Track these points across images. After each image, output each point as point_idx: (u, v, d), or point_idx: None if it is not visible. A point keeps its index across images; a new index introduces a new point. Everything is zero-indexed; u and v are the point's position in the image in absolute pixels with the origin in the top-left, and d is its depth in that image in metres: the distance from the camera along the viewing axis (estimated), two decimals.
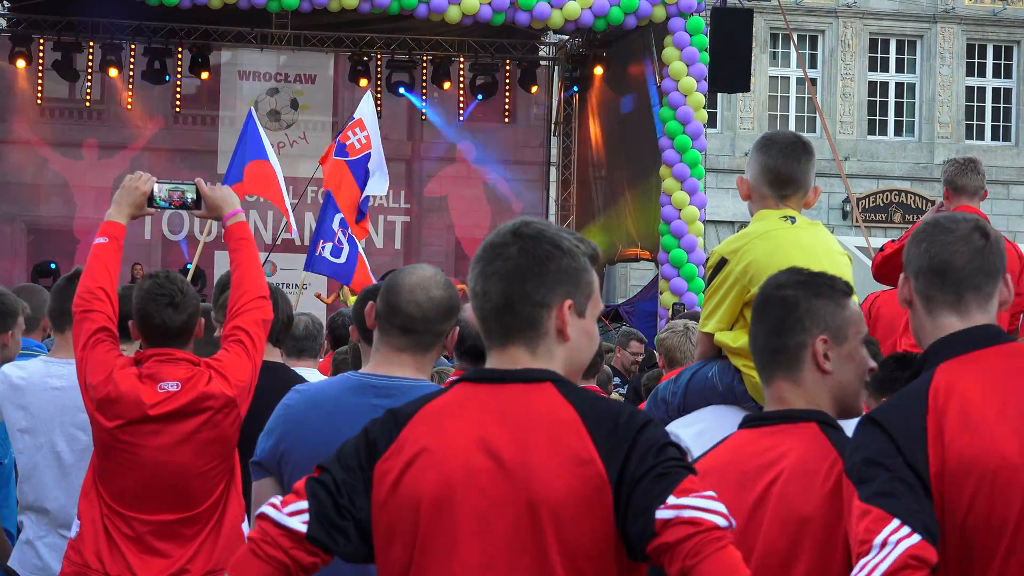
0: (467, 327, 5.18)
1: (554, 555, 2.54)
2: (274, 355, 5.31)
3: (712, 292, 4.60)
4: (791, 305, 3.10)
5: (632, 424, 2.57)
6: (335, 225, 14.11)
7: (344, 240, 14.09)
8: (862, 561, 2.66)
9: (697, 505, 2.45)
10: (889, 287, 7.28)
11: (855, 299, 3.18)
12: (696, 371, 4.75)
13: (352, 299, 20.40)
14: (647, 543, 2.47)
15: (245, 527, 4.54)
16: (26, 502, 5.02)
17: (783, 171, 4.56)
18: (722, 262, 4.56)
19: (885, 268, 7.02)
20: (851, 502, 2.78)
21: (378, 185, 15.05)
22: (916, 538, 2.65)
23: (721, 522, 2.45)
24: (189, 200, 4.69)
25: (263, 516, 2.66)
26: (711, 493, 2.49)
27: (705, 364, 4.72)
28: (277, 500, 2.68)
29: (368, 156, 14.67)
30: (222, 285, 5.40)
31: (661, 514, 2.45)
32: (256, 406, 4.48)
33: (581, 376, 2.85)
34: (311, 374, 6.44)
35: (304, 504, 2.65)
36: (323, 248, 14.11)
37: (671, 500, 2.46)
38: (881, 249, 7.53)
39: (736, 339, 4.55)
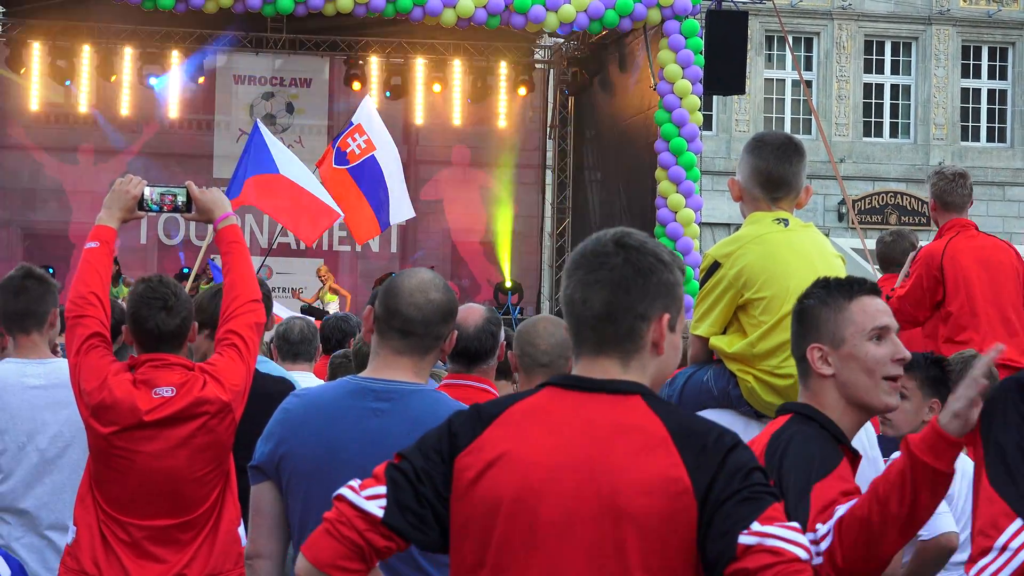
0: (458, 329, 5.18)
1: (636, 570, 2.53)
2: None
3: (705, 295, 4.60)
4: (796, 318, 3.33)
5: (721, 444, 2.57)
6: None
7: None
8: (981, 563, 2.72)
9: (780, 535, 2.46)
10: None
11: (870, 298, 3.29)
12: (691, 375, 4.75)
13: (331, 298, 20.55)
14: (725, 566, 2.47)
15: (241, 531, 4.54)
16: (1, 504, 4.97)
17: (775, 173, 4.56)
18: (715, 265, 4.56)
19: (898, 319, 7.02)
20: (981, 464, 2.83)
21: (403, 210, 14.76)
22: None
23: (802, 554, 2.46)
24: (180, 203, 4.68)
25: (340, 497, 2.68)
26: (795, 524, 2.51)
27: (699, 368, 4.73)
28: (356, 483, 2.70)
29: (372, 159, 14.46)
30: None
31: (744, 540, 2.46)
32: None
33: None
34: (307, 377, 6.46)
35: (382, 489, 2.67)
36: None
37: (755, 527, 2.46)
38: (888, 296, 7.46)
39: (731, 344, 4.55)
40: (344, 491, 2.69)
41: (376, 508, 2.65)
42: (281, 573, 3.63)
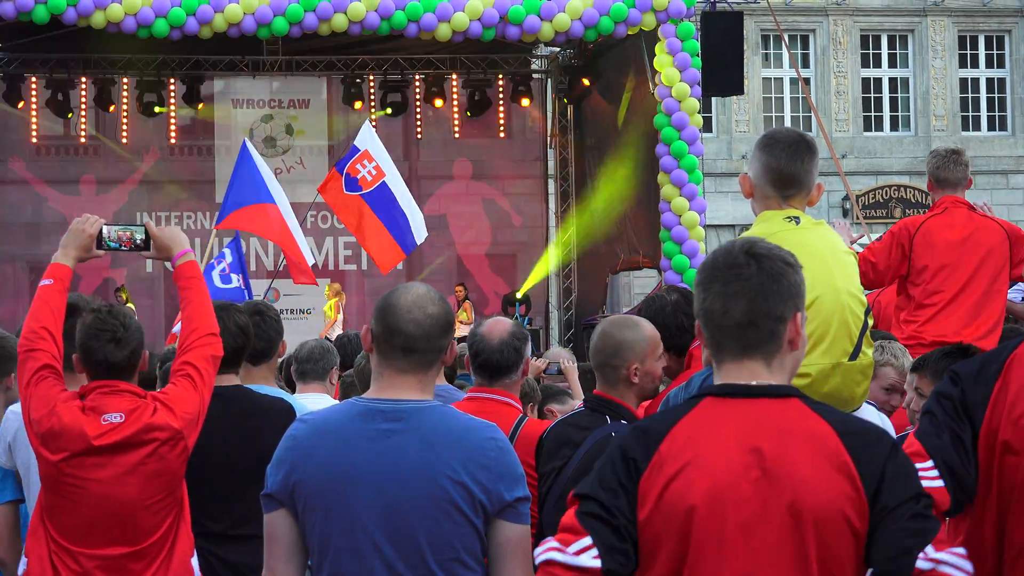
0: (482, 342, 5.16)
1: (814, 564, 2.73)
2: (231, 379, 5.06)
3: None
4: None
5: (884, 442, 2.80)
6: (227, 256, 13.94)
7: (232, 271, 13.82)
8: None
9: (952, 562, 2.69)
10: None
11: None
12: (706, 377, 4.71)
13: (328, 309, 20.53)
14: None
15: (194, 561, 4.52)
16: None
17: (786, 171, 4.53)
18: None
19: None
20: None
21: (420, 231, 14.68)
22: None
23: None
24: (138, 241, 4.75)
25: (550, 563, 2.78)
26: (961, 550, 2.72)
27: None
28: (553, 543, 2.80)
29: (383, 185, 14.50)
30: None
31: (921, 564, 2.67)
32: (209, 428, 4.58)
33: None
34: (318, 399, 6.25)
35: (588, 540, 2.78)
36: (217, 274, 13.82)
37: (930, 552, 2.68)
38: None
39: None
40: (550, 555, 2.78)
41: (590, 560, 2.76)
42: None
